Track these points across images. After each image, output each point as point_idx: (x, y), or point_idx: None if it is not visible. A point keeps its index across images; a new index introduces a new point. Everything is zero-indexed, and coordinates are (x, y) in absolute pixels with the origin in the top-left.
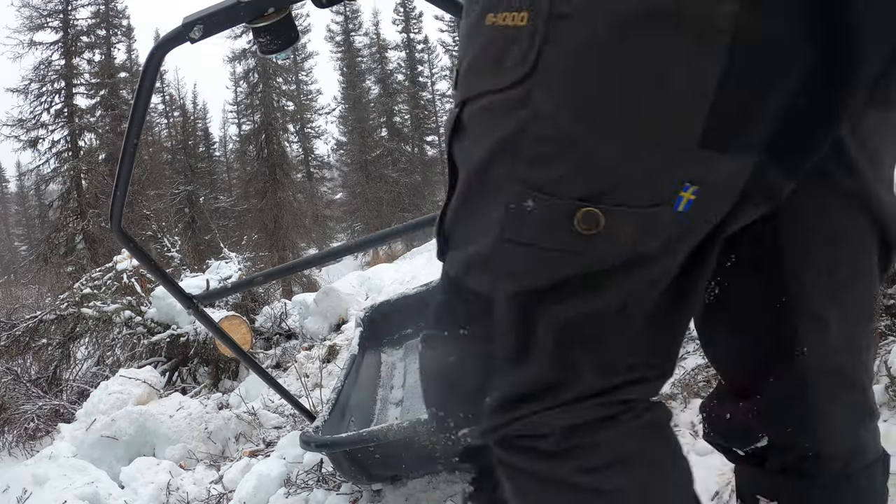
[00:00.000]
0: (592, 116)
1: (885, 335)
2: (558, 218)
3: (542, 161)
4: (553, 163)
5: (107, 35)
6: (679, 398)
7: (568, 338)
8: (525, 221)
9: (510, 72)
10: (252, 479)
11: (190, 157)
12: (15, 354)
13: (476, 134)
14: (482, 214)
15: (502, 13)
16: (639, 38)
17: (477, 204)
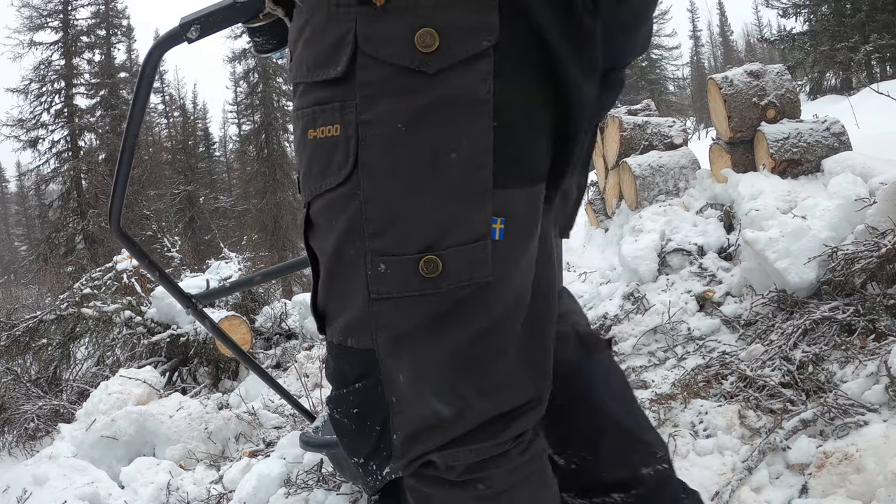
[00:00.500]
0: (409, 190)
1: (884, 335)
2: (406, 270)
3: (381, 233)
4: (389, 232)
5: (107, 35)
6: (679, 398)
7: (451, 370)
8: (383, 281)
9: (337, 172)
10: (252, 479)
11: (190, 157)
12: (15, 354)
13: (324, 227)
14: (346, 287)
15: (319, 128)
16: (425, 123)
17: (339, 281)
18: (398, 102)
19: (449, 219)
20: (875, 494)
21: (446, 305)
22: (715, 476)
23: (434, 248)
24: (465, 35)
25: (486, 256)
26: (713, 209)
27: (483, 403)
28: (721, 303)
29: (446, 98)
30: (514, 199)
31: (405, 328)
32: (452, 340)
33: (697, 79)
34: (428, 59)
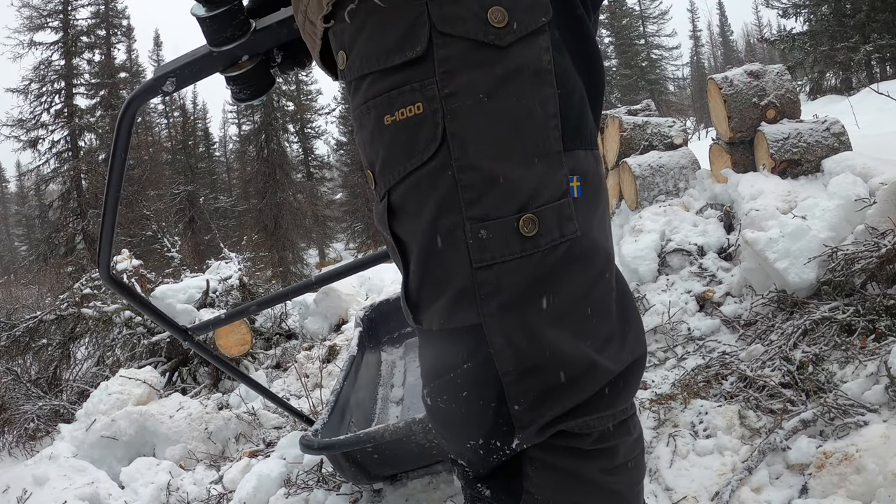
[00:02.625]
0: (499, 154)
1: (884, 335)
2: (508, 232)
3: (478, 199)
4: (487, 196)
5: (107, 35)
6: (679, 398)
7: (565, 330)
8: (486, 248)
9: (425, 149)
10: (252, 480)
11: (190, 157)
12: (15, 355)
13: (413, 208)
14: (445, 266)
15: (398, 110)
16: (503, 92)
17: (437, 259)
18: (478, 74)
19: (537, 178)
20: (875, 494)
21: (547, 265)
22: (715, 476)
23: (529, 207)
24: (528, 12)
25: (571, 213)
26: (713, 209)
27: (605, 361)
28: (721, 303)
29: (518, 68)
30: (584, 160)
31: (512, 293)
32: (560, 299)
33: (697, 79)
34: (501, 33)
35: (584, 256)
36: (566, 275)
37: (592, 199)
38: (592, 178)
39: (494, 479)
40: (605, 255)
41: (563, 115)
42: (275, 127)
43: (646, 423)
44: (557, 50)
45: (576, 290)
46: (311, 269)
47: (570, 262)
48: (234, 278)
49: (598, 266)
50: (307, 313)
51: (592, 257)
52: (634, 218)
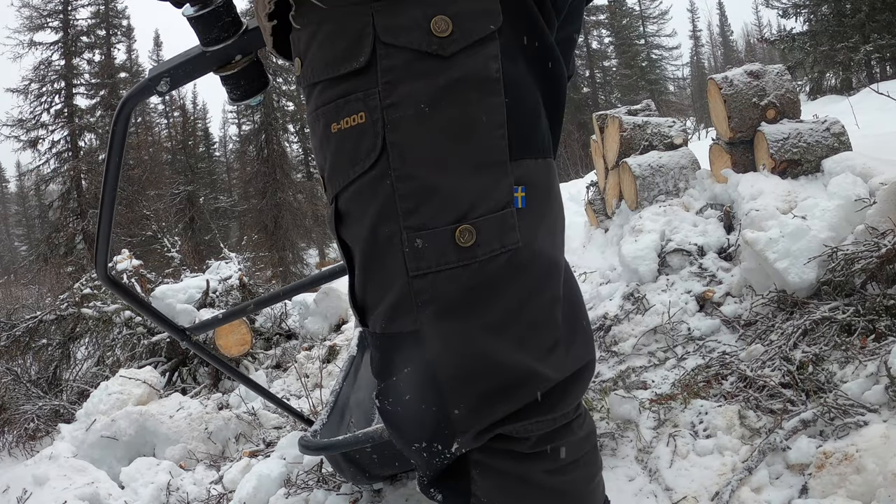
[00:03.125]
0: (438, 164)
1: (884, 335)
2: (444, 242)
3: (415, 209)
4: (423, 206)
5: (107, 35)
6: (679, 398)
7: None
8: (422, 256)
9: (367, 157)
10: (252, 480)
11: (190, 157)
12: (15, 355)
13: (356, 215)
14: (385, 272)
15: (343, 119)
16: (446, 102)
17: (377, 266)
18: (420, 85)
19: (477, 189)
20: (875, 494)
21: (485, 274)
22: (715, 476)
23: (467, 218)
24: (474, 20)
25: (513, 223)
26: (713, 209)
27: (546, 369)
28: (721, 303)
29: (462, 78)
30: (532, 170)
31: (448, 302)
32: (498, 308)
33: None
34: (444, 43)
35: (525, 266)
36: (506, 285)
37: (538, 209)
38: (540, 187)
39: (445, 482)
40: (550, 265)
41: (512, 124)
42: (275, 127)
43: (646, 423)
44: (508, 58)
45: (516, 299)
46: (311, 269)
47: (511, 273)
48: (234, 278)
49: (541, 276)
50: (307, 313)
51: (534, 267)
52: (634, 218)
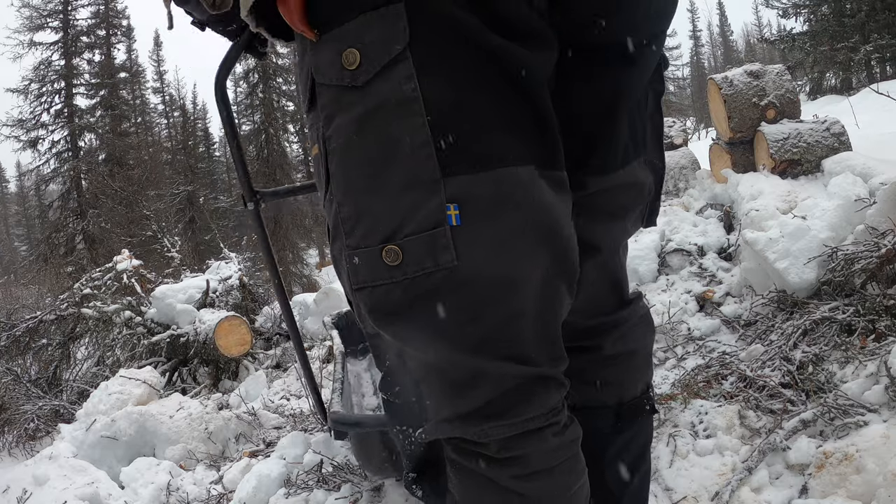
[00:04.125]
0: (365, 189)
1: (884, 335)
2: (373, 261)
3: (351, 230)
4: (357, 228)
5: (107, 35)
6: (679, 398)
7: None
8: (358, 272)
9: (322, 183)
10: (252, 480)
11: (190, 157)
12: (15, 355)
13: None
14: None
15: (312, 148)
16: (368, 128)
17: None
18: (345, 116)
19: (403, 211)
20: (875, 494)
21: (421, 289)
22: (715, 476)
23: (393, 239)
24: (378, 46)
25: (446, 242)
26: (713, 209)
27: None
28: (721, 303)
29: (378, 104)
30: (472, 185)
31: (386, 314)
32: (434, 318)
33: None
34: (355, 74)
35: (466, 283)
36: (448, 298)
37: (481, 226)
38: (484, 201)
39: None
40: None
41: (446, 139)
42: (275, 127)
43: None
44: (429, 73)
45: (464, 312)
46: (311, 269)
47: (451, 287)
48: (234, 278)
49: (488, 292)
50: (307, 313)
51: (478, 284)
52: None
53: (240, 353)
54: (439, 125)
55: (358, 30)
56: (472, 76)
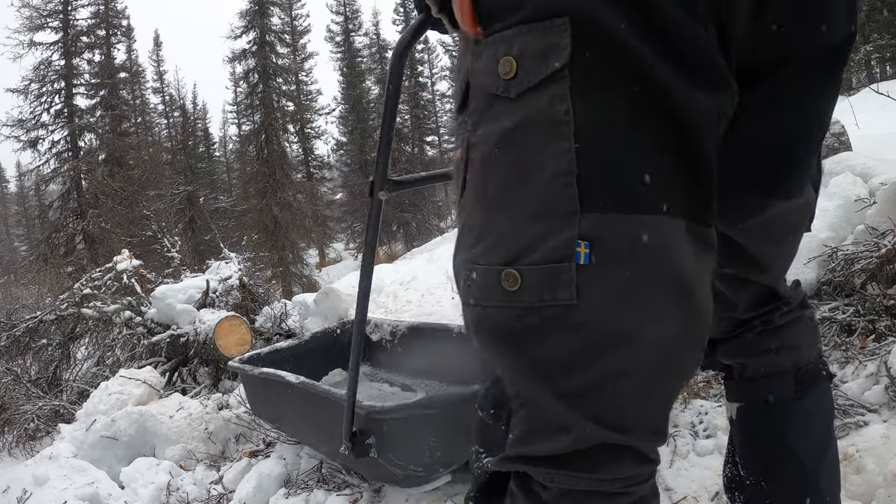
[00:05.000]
0: (496, 206)
1: (884, 335)
2: (490, 281)
3: (475, 244)
4: (480, 243)
5: (107, 35)
6: (679, 398)
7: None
8: (474, 288)
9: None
10: (252, 480)
11: (190, 158)
12: (15, 355)
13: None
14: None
15: (456, 150)
16: (512, 144)
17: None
18: (492, 126)
19: (531, 237)
20: (875, 495)
21: (530, 323)
22: (715, 476)
23: (514, 263)
24: (537, 59)
25: (569, 279)
26: None
27: (584, 426)
28: None
29: (527, 121)
30: (605, 226)
31: (494, 336)
32: (540, 353)
33: None
34: (509, 85)
35: (579, 327)
36: (550, 334)
37: (609, 269)
38: (617, 246)
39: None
40: (616, 335)
41: (585, 171)
42: (275, 127)
43: None
44: (582, 98)
45: (557, 351)
46: (311, 269)
47: (560, 328)
48: (234, 278)
49: (597, 342)
50: (307, 313)
51: (590, 330)
52: None
53: (240, 353)
54: (587, 156)
55: (519, 39)
56: (633, 110)
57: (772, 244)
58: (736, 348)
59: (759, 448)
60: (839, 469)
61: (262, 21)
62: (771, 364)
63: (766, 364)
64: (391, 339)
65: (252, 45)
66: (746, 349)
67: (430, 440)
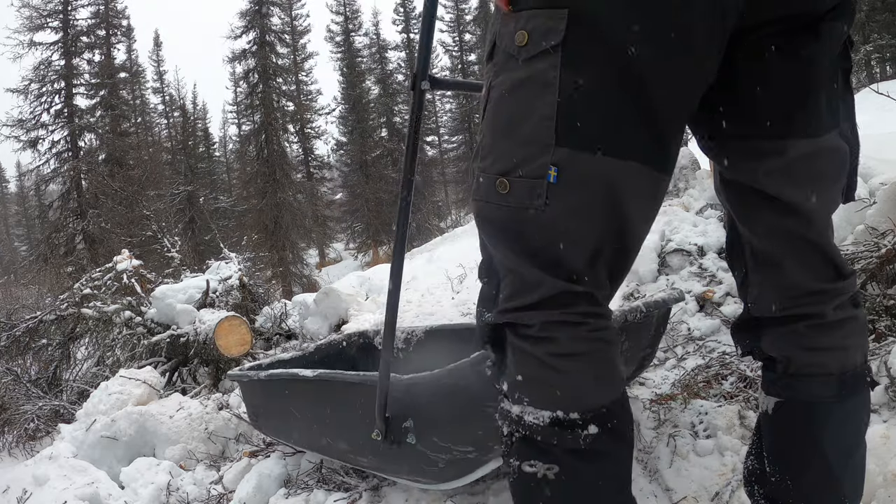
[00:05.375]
0: (501, 132)
1: (884, 335)
2: (490, 184)
3: (484, 156)
4: (487, 157)
5: (107, 35)
6: (679, 398)
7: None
8: (480, 188)
9: (480, 116)
10: (252, 479)
11: (190, 158)
12: (15, 355)
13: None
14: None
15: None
16: (517, 91)
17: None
18: (506, 77)
19: (520, 157)
20: (875, 495)
21: (515, 216)
22: (715, 476)
23: (507, 174)
24: (541, 35)
25: (542, 192)
26: (713, 209)
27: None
28: (721, 303)
29: (529, 77)
30: (570, 158)
31: (490, 225)
32: (520, 238)
33: None
34: (520, 50)
35: (545, 223)
36: (532, 228)
37: (568, 189)
38: (574, 173)
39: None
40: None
41: (563, 118)
42: (275, 127)
43: (646, 424)
44: (567, 68)
45: (533, 235)
46: (311, 269)
47: (533, 222)
48: (234, 278)
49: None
50: (307, 313)
51: (552, 225)
52: None
53: (240, 353)
54: (563, 107)
55: (532, 19)
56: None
57: (801, 188)
58: (785, 340)
59: (792, 446)
60: (864, 476)
61: (262, 21)
62: (817, 364)
63: (812, 363)
64: (405, 346)
65: (252, 45)
66: (795, 342)
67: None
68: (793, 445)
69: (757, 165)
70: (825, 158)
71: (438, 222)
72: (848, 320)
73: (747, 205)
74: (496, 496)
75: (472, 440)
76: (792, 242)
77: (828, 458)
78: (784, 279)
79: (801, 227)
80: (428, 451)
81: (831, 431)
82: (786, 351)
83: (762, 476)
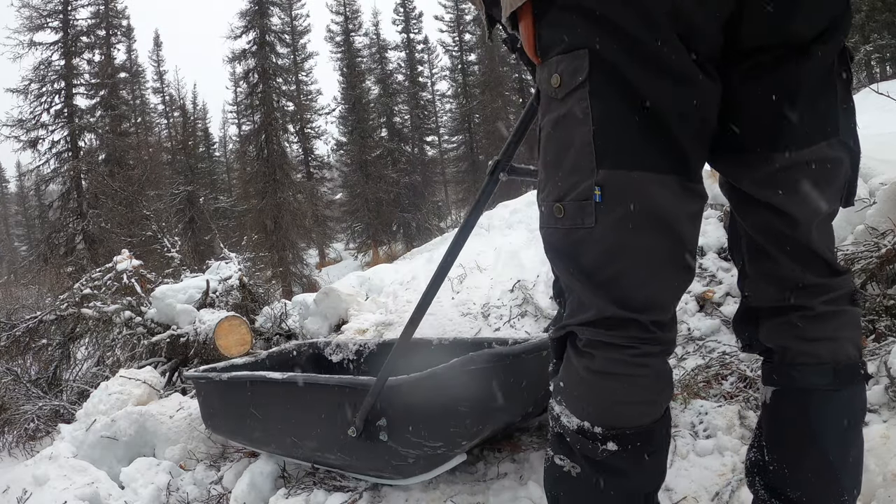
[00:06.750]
0: (551, 164)
1: (884, 335)
2: (549, 211)
3: (542, 188)
4: (545, 188)
5: (107, 35)
6: (679, 398)
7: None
8: (542, 217)
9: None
10: (245, 478)
11: (190, 158)
12: (15, 355)
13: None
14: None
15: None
16: (559, 127)
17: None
18: (550, 115)
19: (570, 184)
20: (875, 495)
21: (570, 236)
22: (715, 476)
23: (561, 200)
24: (571, 75)
25: (590, 211)
26: (713, 209)
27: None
28: (721, 303)
29: (567, 113)
30: (610, 177)
31: (551, 248)
32: (576, 258)
33: None
34: (557, 92)
35: (597, 241)
36: (584, 248)
37: (612, 205)
38: (614, 190)
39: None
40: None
41: (600, 143)
42: (275, 127)
43: None
44: (597, 98)
45: (591, 260)
46: (311, 269)
47: (586, 241)
48: (234, 278)
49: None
50: (307, 313)
51: (604, 243)
52: None
53: (240, 353)
54: (599, 133)
55: (560, 62)
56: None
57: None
58: (780, 330)
59: (788, 433)
60: (862, 471)
61: (262, 21)
62: (811, 353)
63: (805, 352)
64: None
65: (252, 45)
66: (789, 332)
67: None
68: (789, 433)
69: (744, 174)
70: (814, 168)
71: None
72: (840, 313)
73: (740, 202)
74: (496, 496)
75: (444, 436)
76: (780, 240)
77: (824, 447)
78: (776, 271)
79: (788, 228)
80: (399, 447)
81: (827, 420)
82: (781, 341)
83: (762, 467)
